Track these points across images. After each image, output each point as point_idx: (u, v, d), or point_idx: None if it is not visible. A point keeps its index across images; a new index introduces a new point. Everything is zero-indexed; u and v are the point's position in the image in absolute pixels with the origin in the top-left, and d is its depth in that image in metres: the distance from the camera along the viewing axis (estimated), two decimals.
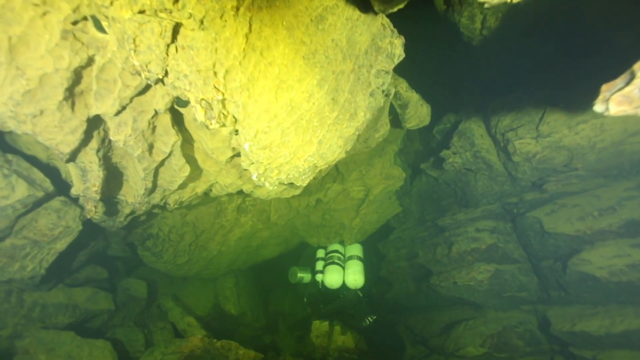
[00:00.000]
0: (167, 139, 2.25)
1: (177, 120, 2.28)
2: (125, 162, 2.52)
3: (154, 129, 2.20)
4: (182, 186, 2.75)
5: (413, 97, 3.11)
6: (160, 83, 1.82)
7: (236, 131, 2.02)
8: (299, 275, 5.15)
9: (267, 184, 2.43)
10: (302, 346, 4.88)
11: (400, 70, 3.09)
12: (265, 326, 5.90)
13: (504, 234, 3.78)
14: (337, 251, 5.03)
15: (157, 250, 4.20)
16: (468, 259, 3.72)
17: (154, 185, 2.58)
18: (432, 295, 4.67)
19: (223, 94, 1.77)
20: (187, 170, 2.52)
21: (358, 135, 3.10)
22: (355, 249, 4.99)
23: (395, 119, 3.48)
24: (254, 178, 2.35)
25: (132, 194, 2.68)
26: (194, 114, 1.80)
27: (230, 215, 4.43)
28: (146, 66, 1.64)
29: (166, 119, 2.18)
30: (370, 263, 5.23)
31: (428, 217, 4.74)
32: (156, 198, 2.72)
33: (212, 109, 1.79)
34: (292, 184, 2.94)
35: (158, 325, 3.85)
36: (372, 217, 4.67)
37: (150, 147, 2.26)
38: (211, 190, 3.14)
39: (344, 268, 4.79)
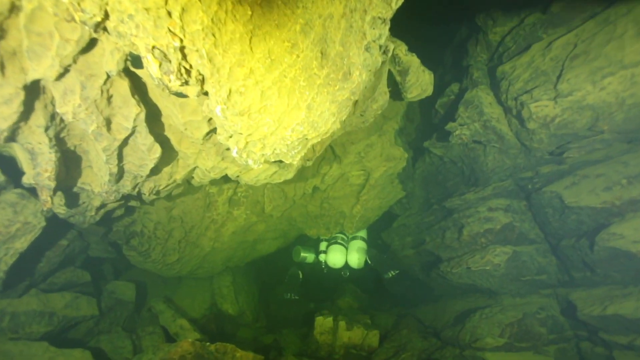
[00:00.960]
0: (128, 111, 1.88)
1: (139, 88, 1.91)
2: (86, 144, 2.15)
3: (109, 98, 1.82)
4: (156, 171, 2.37)
5: (414, 61, 2.74)
6: (105, 33, 1.45)
7: (205, 92, 1.65)
8: (303, 254, 4.95)
9: (250, 162, 2.06)
10: (306, 345, 4.52)
11: (397, 32, 2.72)
12: (267, 325, 5.54)
13: (519, 213, 3.41)
14: (341, 232, 4.81)
15: (144, 249, 3.84)
16: (481, 241, 3.35)
17: (121, 171, 2.21)
18: (443, 284, 4.31)
19: (181, 40, 1.39)
20: (157, 151, 2.14)
21: (354, 104, 2.73)
22: (359, 231, 4.77)
23: (395, 91, 3.11)
24: (234, 155, 1.98)
25: (98, 182, 2.31)
26: (147, 68, 1.42)
27: (222, 208, 4.06)
28: (79, 4, 1.27)
29: (123, 86, 1.81)
30: (376, 245, 5.00)
31: (434, 201, 4.37)
32: (126, 186, 2.35)
33: (169, 61, 1.41)
34: (281, 162, 2.57)
35: (147, 330, 3.49)
36: (374, 203, 4.30)
37: (108, 121, 1.89)
38: (192, 177, 2.77)
39: (347, 248, 4.69)
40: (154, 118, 2.12)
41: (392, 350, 3.95)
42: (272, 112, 1.82)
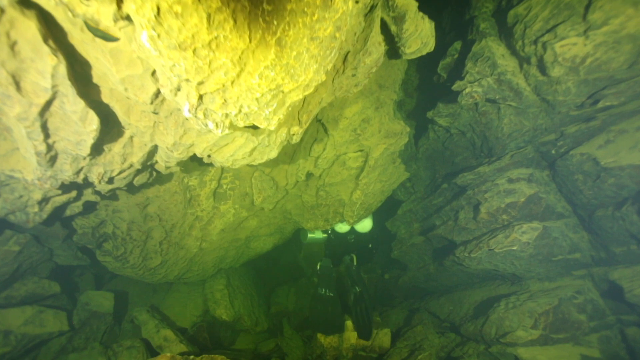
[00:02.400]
0: (42, 64, 1.41)
1: (56, 34, 1.44)
2: (6, 117, 1.68)
3: (13, 46, 1.35)
4: (99, 151, 1.90)
5: (411, 5, 2.25)
6: None
7: (127, 17, 1.18)
8: (310, 235, 4.61)
9: (211, 126, 1.59)
10: (311, 349, 4.03)
11: None
12: (268, 329, 5.05)
13: (542, 184, 2.91)
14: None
15: (119, 253, 3.37)
16: (502, 218, 2.85)
17: (52, 149, 1.73)
18: (458, 272, 3.80)
19: None
20: (94, 121, 1.67)
21: (343, 55, 2.25)
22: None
23: (391, 50, 2.63)
24: (186, 115, 1.51)
25: (29, 168, 1.83)
26: None
27: (206, 203, 3.59)
28: None
29: (30, 28, 1.34)
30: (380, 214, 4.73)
31: (441, 180, 3.87)
32: (66, 171, 1.87)
33: None
34: (255, 129, 2.09)
35: (124, 344, 3.01)
36: (375, 187, 3.81)
37: (16, 78, 1.41)
38: (155, 160, 2.29)
39: None
40: (86, 80, 1.64)
41: (406, 350, 3.45)
42: (228, 48, 1.33)
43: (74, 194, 2.23)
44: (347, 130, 3.28)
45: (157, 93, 1.67)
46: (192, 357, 2.67)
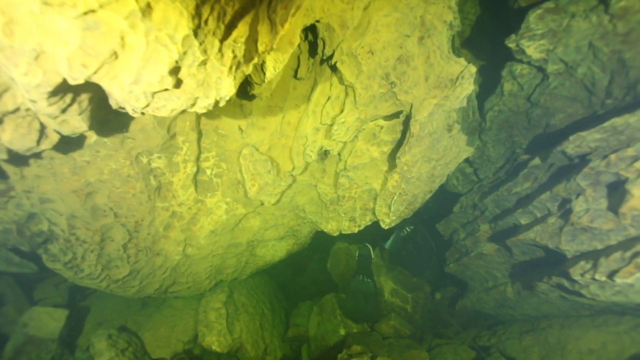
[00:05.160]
0: None
1: None
2: None
3: None
4: None
5: None
6: None
7: None
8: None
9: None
10: None
11: None
12: (283, 359, 3.93)
13: None
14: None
15: (68, 259, 2.48)
16: None
17: None
18: (556, 301, 2.37)
19: None
20: None
21: None
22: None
23: None
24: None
25: None
26: None
27: (184, 194, 2.58)
28: None
29: None
30: None
31: (527, 157, 2.48)
32: None
33: None
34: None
35: None
36: (422, 169, 2.52)
37: None
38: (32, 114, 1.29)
39: None
40: None
41: None
42: None
43: None
44: (375, 76, 2.07)
45: None
46: None
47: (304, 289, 5.61)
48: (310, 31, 1.99)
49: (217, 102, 1.33)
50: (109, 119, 1.86)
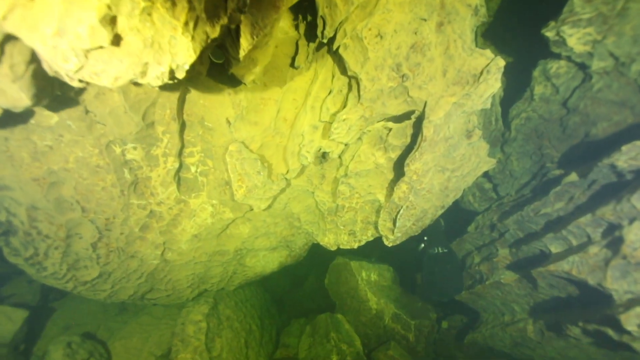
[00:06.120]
0: None
1: None
2: None
3: None
4: None
5: None
6: None
7: None
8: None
9: None
10: None
11: None
12: None
13: None
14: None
15: (29, 254, 2.21)
16: None
17: None
18: (588, 349, 1.95)
19: None
20: None
21: None
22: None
23: None
24: None
25: None
26: None
27: (163, 192, 2.30)
28: None
29: None
30: None
31: (559, 173, 2.11)
32: None
33: None
34: None
35: None
36: (434, 180, 2.17)
37: None
38: None
39: None
40: None
41: None
42: None
43: None
44: (384, 66, 1.76)
45: None
46: None
47: (300, 305, 5.22)
48: (309, 10, 1.71)
49: (173, 72, 1.04)
50: (68, 97, 1.61)
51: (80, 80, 1.06)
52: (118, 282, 2.64)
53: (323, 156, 2.31)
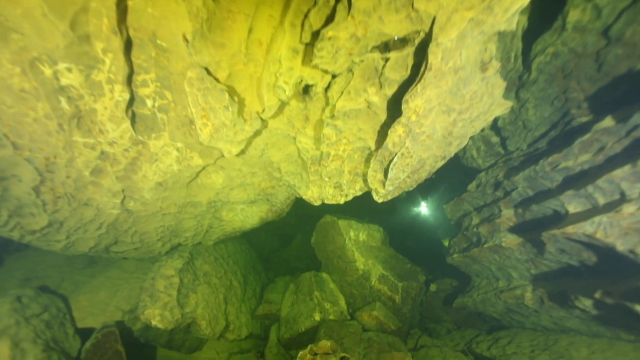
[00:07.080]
0: None
1: None
2: None
3: None
4: None
5: None
6: None
7: None
8: None
9: None
10: None
11: None
12: (250, 337, 3.44)
13: None
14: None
15: None
16: None
17: None
18: (592, 322, 1.72)
19: None
20: None
21: None
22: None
23: None
24: None
25: None
26: None
27: (114, 129, 1.92)
28: None
29: None
30: None
31: (580, 123, 1.75)
32: None
33: None
34: None
35: None
36: (438, 122, 1.80)
37: None
38: None
39: None
40: None
41: None
42: None
43: None
44: None
45: None
46: None
47: (287, 263, 5.08)
48: None
49: None
50: None
51: None
52: (74, 232, 2.35)
53: (305, 90, 1.91)
